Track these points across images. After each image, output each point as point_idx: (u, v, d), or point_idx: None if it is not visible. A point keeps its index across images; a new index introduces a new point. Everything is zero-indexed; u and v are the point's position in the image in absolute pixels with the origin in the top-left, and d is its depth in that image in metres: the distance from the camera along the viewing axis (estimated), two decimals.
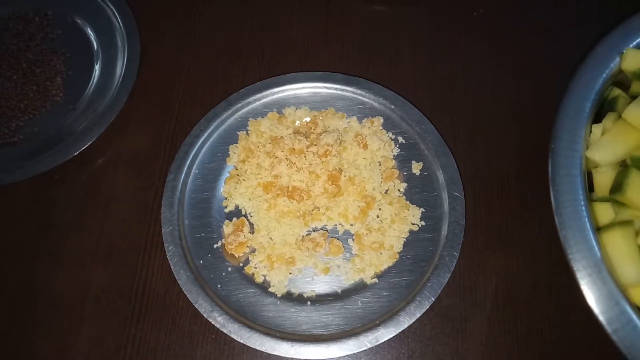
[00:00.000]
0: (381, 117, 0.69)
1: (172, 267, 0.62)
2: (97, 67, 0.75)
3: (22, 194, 0.69)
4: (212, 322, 0.59)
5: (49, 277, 0.65)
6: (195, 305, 0.60)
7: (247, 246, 0.64)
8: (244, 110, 0.71)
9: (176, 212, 0.64)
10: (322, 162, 0.66)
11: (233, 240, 0.63)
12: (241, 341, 0.58)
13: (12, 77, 0.74)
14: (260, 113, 0.71)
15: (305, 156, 0.66)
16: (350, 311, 0.61)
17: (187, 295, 0.61)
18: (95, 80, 0.74)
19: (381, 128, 0.69)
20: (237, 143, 0.69)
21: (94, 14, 0.79)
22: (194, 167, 0.67)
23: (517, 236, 0.65)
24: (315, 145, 0.66)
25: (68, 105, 0.73)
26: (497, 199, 0.67)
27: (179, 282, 0.61)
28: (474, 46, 0.76)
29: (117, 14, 0.78)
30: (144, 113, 0.73)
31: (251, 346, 0.58)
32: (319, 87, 0.72)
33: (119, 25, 0.77)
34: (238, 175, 0.67)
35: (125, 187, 0.69)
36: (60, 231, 0.67)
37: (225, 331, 0.59)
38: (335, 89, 0.72)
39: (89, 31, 0.78)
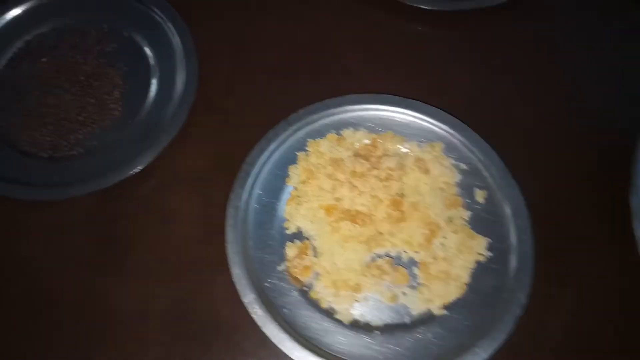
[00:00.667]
0: (442, 142, 0.69)
1: (238, 289, 0.61)
2: (154, 82, 0.75)
3: (83, 209, 0.68)
4: (281, 348, 0.59)
5: (110, 294, 0.65)
6: (263, 329, 0.60)
7: (312, 270, 0.63)
8: (302, 131, 0.70)
9: (240, 232, 0.64)
10: (384, 186, 0.66)
11: (298, 263, 0.63)
12: None
13: (70, 89, 0.74)
14: (318, 134, 0.70)
15: (366, 180, 0.66)
16: (421, 345, 0.61)
17: (255, 319, 0.60)
18: (153, 96, 0.74)
19: (442, 153, 0.68)
20: (296, 164, 0.69)
21: (149, 28, 0.79)
22: (256, 187, 0.67)
23: (589, 270, 0.64)
24: (376, 168, 0.66)
25: (127, 119, 0.73)
26: (567, 229, 0.67)
27: (245, 304, 0.61)
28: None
29: (173, 30, 0.77)
30: (202, 130, 0.73)
31: None
32: (377, 110, 0.72)
33: (177, 41, 0.77)
34: (299, 197, 0.67)
35: (185, 204, 0.69)
36: (121, 247, 0.67)
37: (294, 358, 0.58)
38: (394, 111, 0.72)
39: (145, 46, 0.78)
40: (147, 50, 0.78)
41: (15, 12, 0.80)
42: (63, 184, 0.68)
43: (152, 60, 0.77)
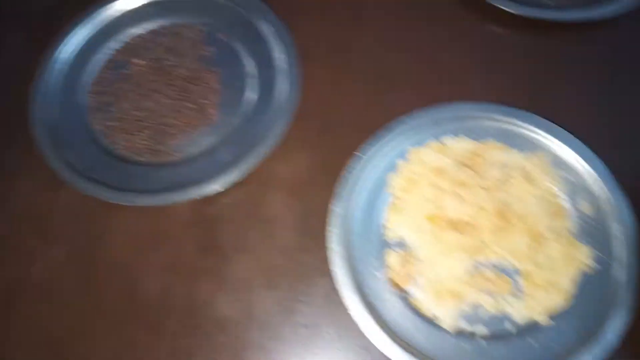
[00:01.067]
0: (547, 152, 0.68)
1: (342, 295, 0.62)
2: (252, 88, 0.76)
3: (183, 214, 0.69)
4: (384, 352, 0.59)
5: (213, 299, 0.65)
6: (368, 337, 0.60)
7: (413, 278, 0.63)
8: (403, 138, 0.70)
9: (342, 238, 0.64)
10: (489, 196, 0.65)
11: (401, 271, 0.63)
12: None
13: (168, 93, 0.75)
14: (418, 142, 0.70)
15: (471, 189, 0.65)
16: (526, 354, 0.60)
17: (358, 322, 0.61)
18: (251, 102, 0.75)
19: (547, 163, 0.67)
20: (394, 171, 0.68)
21: (246, 32, 0.79)
22: (357, 195, 0.66)
23: None
24: (481, 178, 0.65)
25: (225, 125, 0.73)
26: None
27: (348, 308, 0.61)
28: None
29: (273, 34, 0.77)
30: (301, 138, 0.72)
31: None
32: (479, 118, 0.70)
33: (276, 47, 0.77)
34: (400, 205, 0.66)
35: (285, 211, 0.69)
36: (222, 253, 0.67)
37: None
38: (495, 120, 0.70)
39: (244, 51, 0.78)
40: (245, 56, 0.78)
41: (112, 13, 0.82)
42: (162, 189, 0.69)
43: (250, 66, 0.77)
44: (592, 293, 0.62)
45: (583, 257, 0.63)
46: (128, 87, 0.75)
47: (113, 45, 0.79)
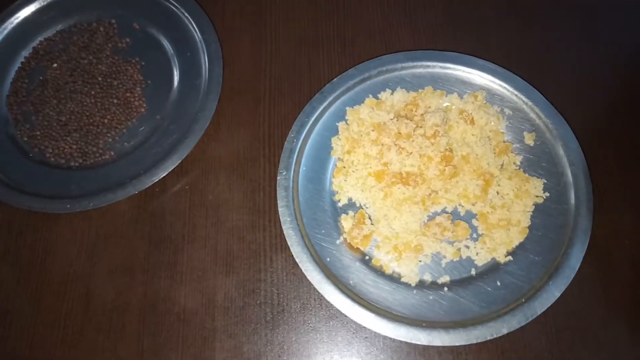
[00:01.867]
0: (483, 91, 0.67)
1: (301, 268, 0.60)
2: (175, 73, 0.72)
3: (127, 212, 0.67)
4: (355, 320, 0.58)
5: (171, 293, 0.63)
6: (334, 304, 0.59)
7: (370, 238, 0.62)
8: (339, 101, 0.69)
9: (293, 211, 0.63)
10: (432, 143, 0.64)
11: (357, 234, 0.62)
12: (391, 336, 0.57)
13: (90, 92, 0.71)
14: (356, 101, 0.69)
15: (413, 140, 0.64)
16: (490, 293, 0.60)
17: (323, 295, 0.59)
18: (176, 87, 0.71)
19: (485, 102, 0.67)
20: (338, 135, 0.66)
21: (161, 17, 0.76)
22: (301, 164, 0.65)
23: None
24: (421, 127, 0.65)
25: (154, 115, 0.70)
26: (620, 159, 0.66)
27: (311, 282, 0.60)
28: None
29: (187, 15, 0.74)
30: (234, 115, 0.71)
31: (402, 339, 0.57)
32: (412, 67, 0.70)
33: (192, 27, 0.74)
34: (345, 167, 0.65)
35: (230, 192, 0.67)
36: (173, 245, 0.65)
37: (371, 328, 0.58)
38: (428, 66, 0.70)
39: (160, 37, 0.75)
40: (163, 41, 0.75)
41: (16, 19, 0.77)
42: (101, 190, 0.66)
43: (170, 50, 0.75)
44: (548, 223, 0.62)
45: (535, 189, 0.63)
46: (47, 92, 0.71)
47: (23, 52, 0.75)
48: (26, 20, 0.77)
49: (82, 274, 0.64)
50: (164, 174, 0.65)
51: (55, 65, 0.73)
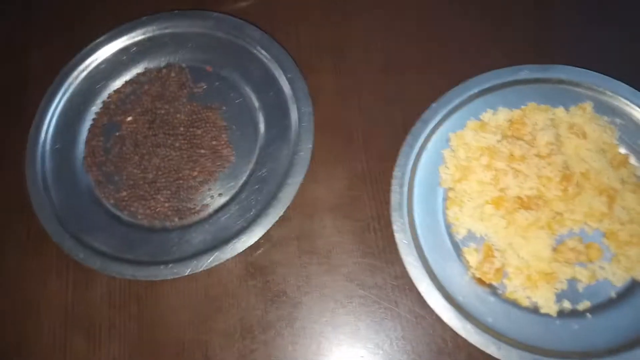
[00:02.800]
0: (590, 102, 0.64)
1: (434, 309, 0.58)
2: (261, 115, 0.68)
3: (234, 268, 0.64)
4: (496, 357, 0.55)
5: (294, 351, 0.60)
6: (477, 345, 0.57)
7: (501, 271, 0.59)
8: (441, 127, 0.66)
9: (414, 249, 0.60)
10: (548, 163, 0.61)
11: (489, 268, 0.59)
12: None
13: (174, 144, 0.68)
14: (457, 125, 0.66)
15: (528, 161, 0.61)
16: (636, 314, 0.57)
17: (463, 336, 0.57)
18: (264, 130, 0.68)
19: (594, 113, 0.64)
20: (444, 163, 0.63)
21: (234, 56, 0.72)
22: (413, 199, 0.62)
23: None
24: (533, 146, 0.62)
25: (246, 161, 0.66)
26: None
27: (448, 323, 0.57)
28: None
29: (262, 52, 0.71)
30: (329, 153, 0.68)
31: None
32: (511, 84, 0.68)
33: (271, 63, 0.70)
34: (458, 197, 0.62)
35: (339, 234, 0.64)
36: (289, 300, 0.62)
37: None
38: (528, 81, 0.67)
39: (236, 77, 0.71)
40: (241, 82, 0.71)
41: (80, 75, 0.73)
42: (203, 251, 0.62)
43: (249, 91, 0.71)
44: None
45: None
46: (126, 149, 0.67)
47: (92, 109, 0.70)
48: (91, 74, 0.72)
49: (198, 341, 0.61)
50: (271, 225, 0.61)
51: (130, 118, 0.69)
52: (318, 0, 0.75)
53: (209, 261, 0.61)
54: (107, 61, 0.73)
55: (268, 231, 0.62)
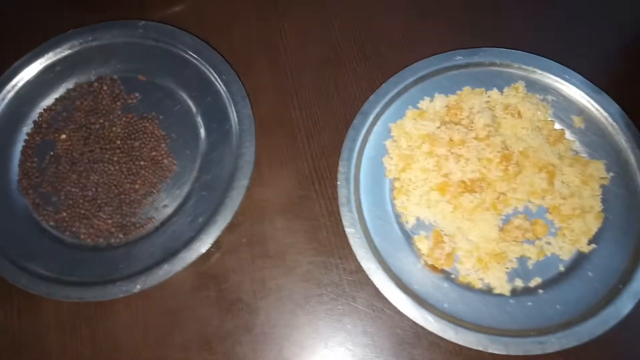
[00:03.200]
0: (522, 81, 0.66)
1: (391, 301, 0.58)
2: (200, 121, 0.67)
3: (186, 280, 0.63)
4: (462, 343, 0.57)
5: (258, 358, 0.59)
6: (437, 333, 0.57)
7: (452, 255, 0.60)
8: (381, 119, 0.66)
9: (366, 243, 0.61)
10: (487, 145, 0.63)
11: (439, 254, 0.59)
12: (503, 352, 0.56)
13: (112, 159, 0.66)
14: (397, 115, 0.66)
15: (468, 144, 0.62)
16: (585, 285, 0.59)
17: (423, 325, 0.57)
18: (205, 136, 0.66)
19: (526, 92, 0.65)
20: (388, 154, 0.64)
21: (166, 63, 0.71)
22: (360, 193, 0.62)
23: None
24: (471, 129, 0.63)
25: (189, 169, 0.65)
26: None
27: (406, 314, 0.58)
28: None
29: (194, 55, 0.69)
30: (272, 154, 0.67)
31: (514, 353, 0.56)
32: (445, 70, 0.69)
33: (204, 67, 0.69)
34: (404, 187, 0.63)
35: (292, 235, 0.63)
36: (246, 306, 0.62)
37: (480, 348, 0.56)
38: (460, 66, 0.68)
39: (171, 84, 0.70)
40: (176, 89, 0.70)
41: (8, 93, 0.70)
42: (152, 265, 0.61)
43: (186, 98, 0.69)
44: (618, 202, 0.62)
45: (598, 171, 0.62)
46: (62, 167, 0.65)
47: (24, 129, 0.67)
48: (18, 94, 0.69)
49: (155, 359, 0.58)
50: (220, 232, 0.60)
51: (63, 136, 0.67)
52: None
53: (158, 275, 0.59)
54: (33, 80, 0.70)
55: (218, 238, 0.61)
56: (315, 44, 0.72)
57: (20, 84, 0.70)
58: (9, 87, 0.69)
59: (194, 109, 0.68)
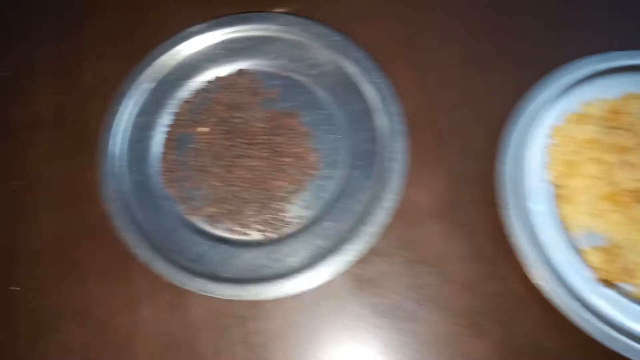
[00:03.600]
0: None
1: (566, 315, 0.54)
2: (343, 118, 0.65)
3: (341, 283, 0.59)
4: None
5: None
6: (611, 347, 0.53)
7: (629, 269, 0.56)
8: (538, 122, 0.63)
9: (535, 254, 0.56)
10: None
11: (615, 267, 0.55)
12: None
13: (256, 154, 0.62)
14: (555, 119, 0.63)
15: (636, 151, 0.58)
16: None
17: (594, 336, 0.53)
18: (349, 133, 0.64)
19: None
20: (549, 159, 0.61)
21: (307, 58, 0.68)
22: (522, 200, 0.58)
23: None
24: (638, 134, 0.59)
25: (335, 169, 0.62)
26: None
27: (581, 327, 0.54)
28: None
29: (335, 50, 0.67)
30: (422, 154, 0.64)
31: None
32: (604, 73, 0.65)
33: (347, 61, 0.67)
34: (569, 195, 0.59)
35: (449, 241, 0.61)
36: (405, 313, 0.59)
37: None
38: (620, 69, 0.65)
39: (311, 80, 0.67)
40: (317, 85, 0.67)
41: (146, 87, 0.68)
42: (307, 264, 0.58)
43: (327, 94, 0.66)
44: None
45: None
46: (206, 162, 0.62)
47: (164, 121, 0.65)
48: (158, 85, 0.68)
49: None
50: (372, 234, 0.57)
51: (204, 129, 0.64)
52: None
53: (311, 276, 0.57)
54: (172, 71, 0.67)
55: (371, 241, 0.58)
56: (457, 43, 0.70)
57: (159, 78, 0.68)
58: (146, 76, 0.68)
59: (337, 105, 0.65)
